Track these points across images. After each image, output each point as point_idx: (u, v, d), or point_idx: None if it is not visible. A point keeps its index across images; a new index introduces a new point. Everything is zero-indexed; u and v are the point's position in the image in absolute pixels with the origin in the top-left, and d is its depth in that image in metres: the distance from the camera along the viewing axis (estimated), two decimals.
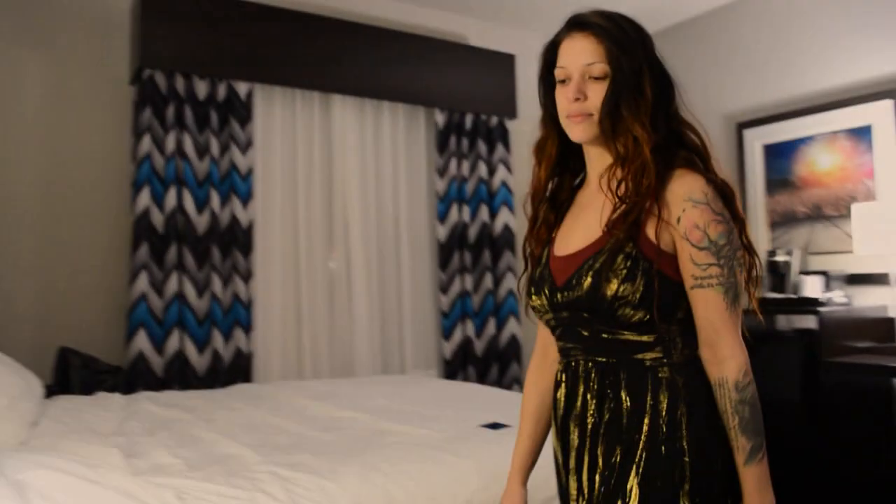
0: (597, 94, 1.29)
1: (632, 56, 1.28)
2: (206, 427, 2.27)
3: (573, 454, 1.33)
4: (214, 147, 3.72)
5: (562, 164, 1.43)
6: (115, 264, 3.61)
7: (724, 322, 1.23)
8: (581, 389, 1.33)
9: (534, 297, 1.38)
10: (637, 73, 1.28)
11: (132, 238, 3.49)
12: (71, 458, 1.71)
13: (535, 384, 1.51)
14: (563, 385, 1.37)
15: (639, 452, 1.24)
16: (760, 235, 4.12)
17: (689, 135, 1.33)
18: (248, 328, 3.70)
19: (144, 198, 3.48)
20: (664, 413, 1.24)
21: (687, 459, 1.23)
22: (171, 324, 3.49)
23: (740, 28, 4.34)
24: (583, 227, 1.35)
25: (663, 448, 1.23)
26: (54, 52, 3.56)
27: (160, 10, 3.54)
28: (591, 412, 1.31)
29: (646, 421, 1.24)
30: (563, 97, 1.32)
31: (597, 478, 1.29)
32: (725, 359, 1.22)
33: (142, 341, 3.39)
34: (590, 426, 1.30)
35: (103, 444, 2.00)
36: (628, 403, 1.27)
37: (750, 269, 1.31)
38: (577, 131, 1.32)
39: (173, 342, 3.48)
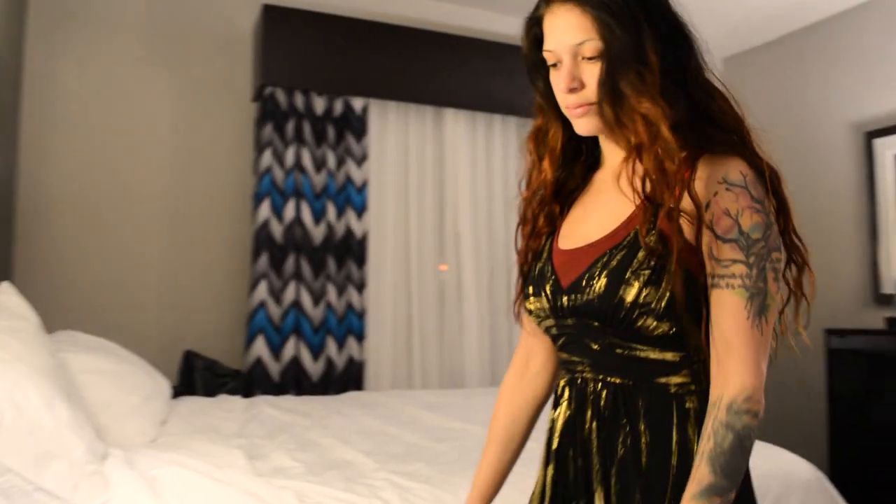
0: (594, 77, 1.06)
1: (626, 19, 1.03)
2: (322, 432, 2.33)
3: (575, 490, 1.10)
4: (331, 160, 3.83)
5: (571, 153, 1.19)
6: (237, 273, 3.76)
7: (740, 335, 0.98)
8: (589, 413, 1.09)
9: (531, 299, 1.15)
10: (636, 38, 1.03)
11: (253, 248, 3.64)
12: (198, 457, 1.79)
13: (510, 401, 1.28)
14: (563, 404, 1.13)
15: (667, 500, 1.01)
16: (891, 253, 3.89)
17: (720, 107, 1.08)
18: (360, 337, 3.77)
19: (265, 210, 3.61)
20: (694, 451, 1.01)
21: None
22: (287, 331, 3.60)
23: (868, 31, 4.12)
24: (598, 216, 1.11)
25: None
26: (183, 72, 3.75)
27: (280, 30, 3.68)
28: (601, 443, 1.07)
29: (673, 462, 1.02)
30: (557, 86, 1.10)
31: None
32: (730, 376, 0.97)
33: (260, 347, 3.52)
34: (597, 460, 1.07)
35: (227, 444, 2.08)
36: (648, 437, 1.03)
37: (798, 275, 1.06)
38: (580, 125, 1.10)
39: (290, 349, 3.59)
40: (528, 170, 1.21)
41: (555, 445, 1.13)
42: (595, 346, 1.08)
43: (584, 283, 1.06)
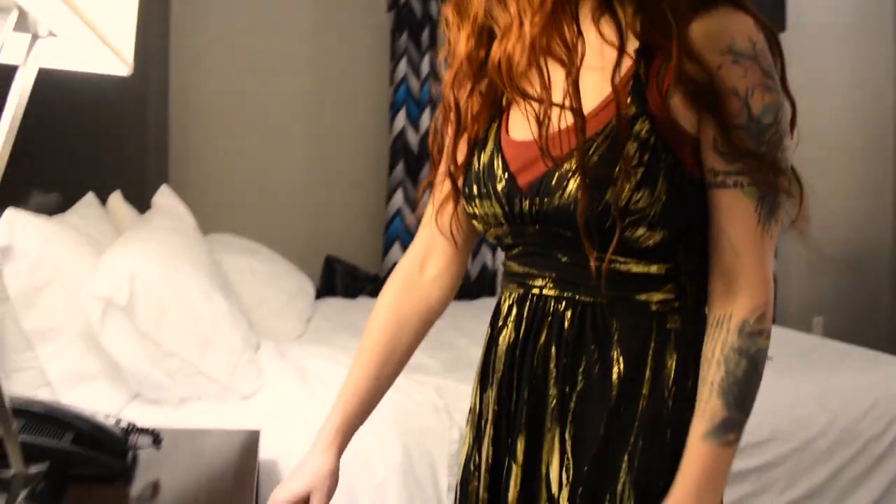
0: None
1: None
2: (457, 334, 2.38)
3: (520, 434, 0.90)
4: None
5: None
6: (375, 182, 3.84)
7: (750, 244, 0.83)
8: (543, 337, 0.89)
9: (476, 203, 0.93)
10: None
11: (389, 157, 3.69)
12: (343, 351, 1.87)
13: (395, 308, 1.03)
14: (509, 325, 0.93)
15: (633, 438, 0.85)
16: None
17: None
18: (493, 245, 3.79)
19: (401, 120, 3.64)
20: (671, 382, 0.86)
21: (670, 431, 0.86)
22: None
23: None
24: (561, 94, 0.83)
25: (669, 433, 0.86)
26: None
27: None
28: (557, 373, 0.88)
29: (644, 392, 0.86)
30: None
31: (563, 474, 0.87)
32: (739, 291, 0.83)
33: (396, 254, 3.60)
34: (555, 392, 0.88)
35: None
36: (621, 366, 0.85)
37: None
38: None
39: None
40: (448, 43, 0.95)
41: (496, 375, 0.95)
42: (563, 259, 0.88)
43: (553, 183, 0.84)
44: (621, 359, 0.86)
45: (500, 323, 0.95)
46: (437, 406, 1.60)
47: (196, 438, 1.31)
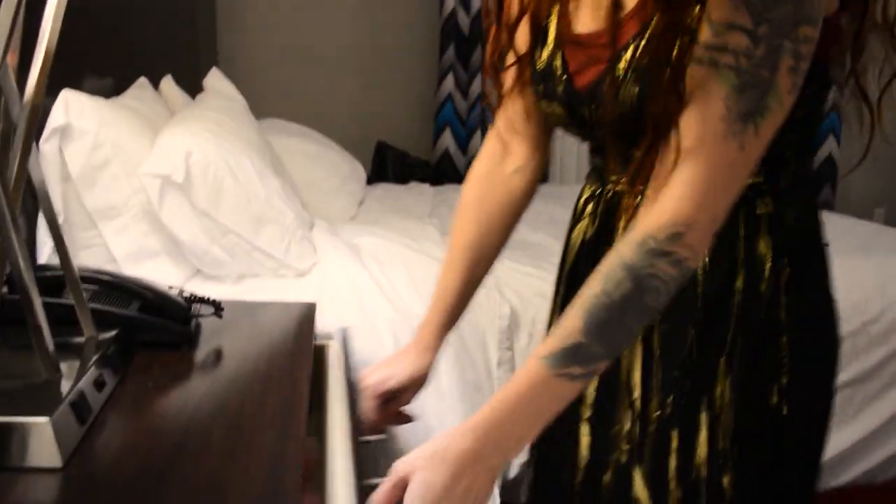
0: None
1: None
2: None
3: None
4: None
5: None
6: (425, 66, 3.77)
7: (704, 142, 0.67)
8: (619, 232, 0.83)
9: (543, 103, 0.87)
10: None
11: (440, 41, 3.60)
12: (395, 231, 1.90)
13: (478, 205, 0.98)
14: (584, 220, 0.89)
15: (729, 337, 0.79)
16: None
17: None
18: None
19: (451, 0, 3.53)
20: (767, 272, 0.78)
21: (786, 339, 0.80)
22: (474, 124, 3.62)
23: None
24: None
25: (770, 328, 0.80)
26: None
27: None
28: None
29: (737, 286, 0.78)
30: None
31: (652, 381, 0.82)
32: (663, 200, 0.68)
33: (447, 140, 3.58)
34: None
35: (421, 223, 2.19)
36: (706, 259, 0.77)
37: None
38: None
39: (476, 142, 3.62)
40: None
41: (567, 271, 0.92)
42: (636, 153, 0.78)
43: (608, 86, 0.77)
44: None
45: (577, 217, 0.93)
46: (488, 283, 1.62)
47: (255, 310, 1.35)
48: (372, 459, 0.87)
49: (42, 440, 0.78)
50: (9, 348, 0.96)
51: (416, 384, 0.99)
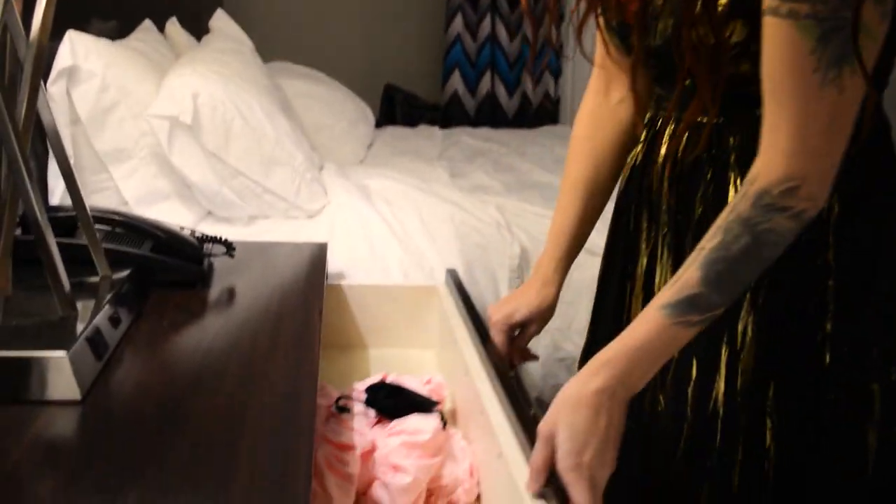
0: None
1: None
2: (519, 158, 2.37)
3: (642, 253, 0.90)
4: None
5: None
6: (433, 7, 3.71)
7: (797, 93, 0.66)
8: (661, 159, 0.86)
9: (606, 34, 0.90)
10: None
11: None
12: (405, 172, 1.89)
13: (589, 139, 1.00)
14: (640, 143, 0.91)
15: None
16: None
17: None
18: (557, 73, 3.68)
19: None
20: None
21: (832, 284, 0.78)
22: (483, 65, 3.58)
23: None
24: None
25: (798, 267, 0.77)
26: None
27: None
28: (670, 201, 0.85)
29: None
30: None
31: None
32: (773, 155, 0.68)
33: (456, 81, 3.54)
34: (666, 218, 0.86)
35: (430, 165, 2.18)
36: (739, 184, 0.77)
37: None
38: None
39: (485, 84, 3.58)
40: None
41: (620, 189, 0.95)
42: (686, 82, 0.80)
43: (648, 17, 0.79)
44: (738, 175, 0.79)
45: (635, 143, 0.94)
46: (499, 222, 1.62)
47: (266, 251, 1.36)
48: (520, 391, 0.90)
49: (61, 374, 0.79)
50: (24, 289, 0.97)
51: (541, 317, 1.02)
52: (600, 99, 0.99)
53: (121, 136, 1.59)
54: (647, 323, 0.72)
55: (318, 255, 1.34)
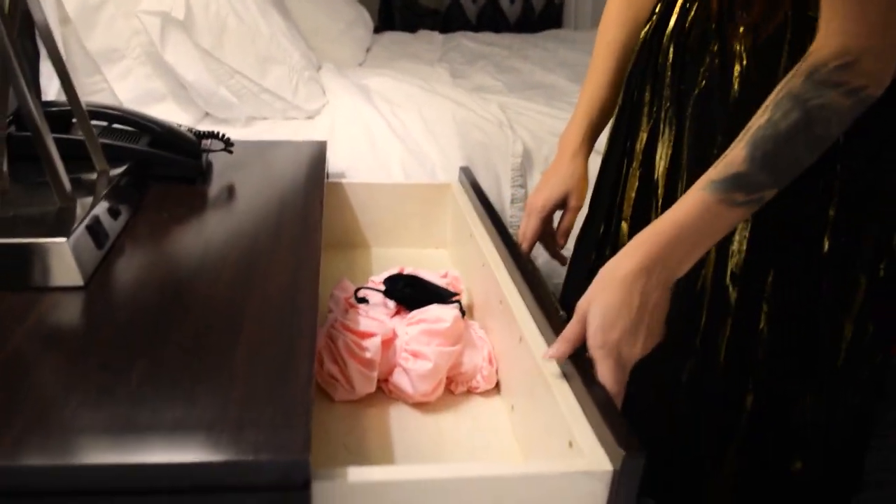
0: None
1: None
2: (522, 61, 2.31)
3: (642, 128, 0.90)
4: None
5: None
6: None
7: None
8: (669, 31, 0.86)
9: None
10: None
11: None
12: (405, 72, 1.85)
13: (625, 8, 0.98)
14: (652, 20, 0.91)
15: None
16: None
17: None
18: None
19: None
20: None
21: (839, 167, 0.78)
22: None
23: None
24: None
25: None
26: None
27: None
28: (675, 73, 0.84)
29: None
30: None
31: (679, 185, 0.86)
32: (828, 25, 0.65)
33: None
34: (669, 92, 0.85)
35: (431, 66, 2.13)
36: (745, 60, 0.78)
37: None
38: None
39: None
40: None
41: (629, 69, 0.95)
42: None
43: None
44: (745, 54, 0.77)
45: (648, 19, 0.92)
46: (501, 121, 1.59)
47: (265, 149, 1.34)
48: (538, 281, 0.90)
49: (62, 260, 0.79)
50: (22, 184, 0.96)
51: (577, 186, 1.01)
52: None
53: (112, 36, 1.55)
54: (692, 200, 0.70)
55: (318, 153, 1.32)
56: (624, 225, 0.95)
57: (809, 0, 0.74)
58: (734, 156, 0.69)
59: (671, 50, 0.86)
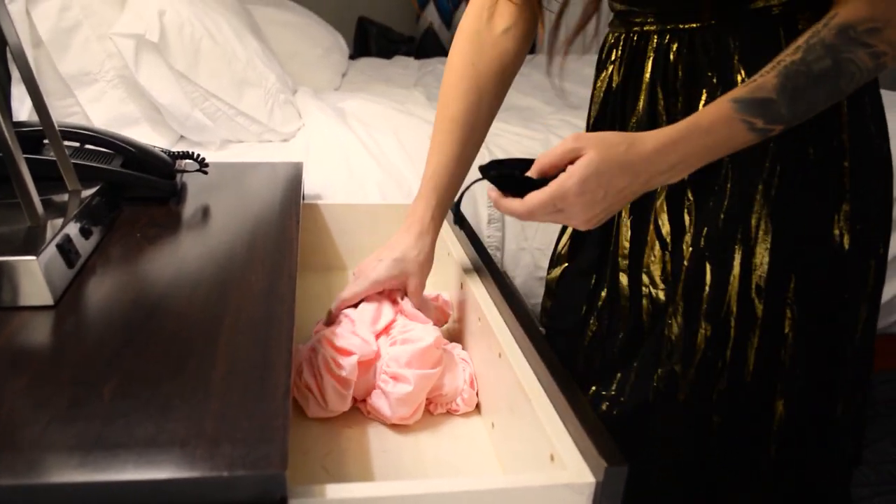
0: None
1: None
2: None
3: None
4: None
5: None
6: None
7: None
8: (647, 76, 0.82)
9: None
10: None
11: None
12: (381, 95, 1.85)
13: (467, 70, 0.90)
14: (609, 67, 0.87)
15: (767, 164, 0.77)
16: None
17: None
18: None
19: None
20: None
21: (847, 164, 0.78)
22: None
23: None
24: None
25: (811, 150, 0.77)
26: None
27: None
28: (665, 109, 0.81)
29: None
30: None
31: (686, 217, 0.82)
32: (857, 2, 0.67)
33: (431, 14, 3.47)
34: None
35: (407, 89, 2.14)
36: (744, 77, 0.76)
37: None
38: None
39: (461, 15, 3.52)
40: None
41: (593, 117, 0.91)
42: None
43: None
44: (744, 70, 0.76)
45: (601, 66, 0.89)
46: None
47: (241, 171, 1.33)
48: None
49: (32, 279, 0.77)
50: None
51: (419, 270, 0.93)
52: (482, 27, 0.91)
53: (86, 58, 1.54)
54: (714, 109, 0.69)
55: (294, 174, 1.31)
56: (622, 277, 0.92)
57: (797, 15, 0.75)
58: (765, 81, 0.68)
59: (658, 90, 0.83)
